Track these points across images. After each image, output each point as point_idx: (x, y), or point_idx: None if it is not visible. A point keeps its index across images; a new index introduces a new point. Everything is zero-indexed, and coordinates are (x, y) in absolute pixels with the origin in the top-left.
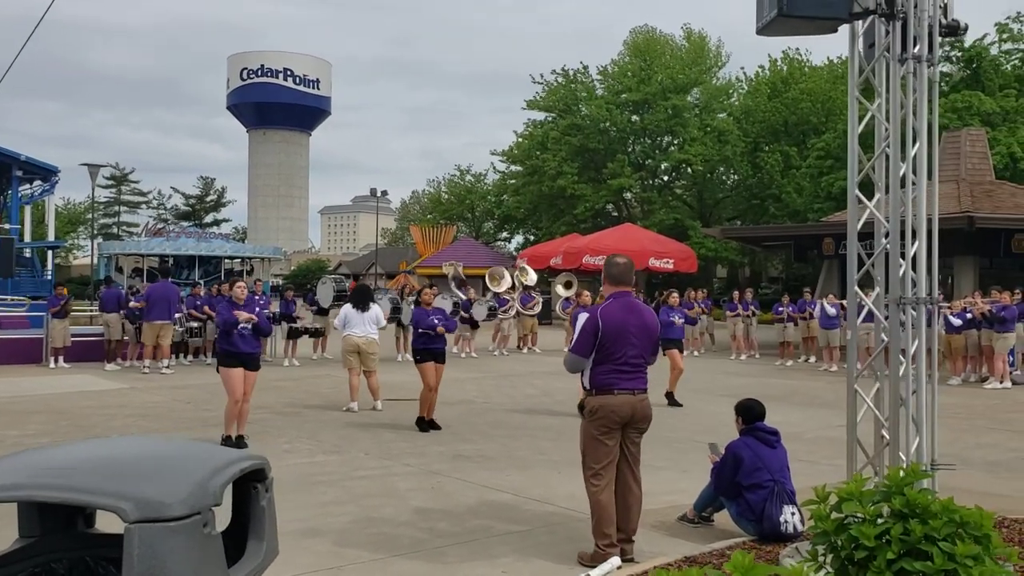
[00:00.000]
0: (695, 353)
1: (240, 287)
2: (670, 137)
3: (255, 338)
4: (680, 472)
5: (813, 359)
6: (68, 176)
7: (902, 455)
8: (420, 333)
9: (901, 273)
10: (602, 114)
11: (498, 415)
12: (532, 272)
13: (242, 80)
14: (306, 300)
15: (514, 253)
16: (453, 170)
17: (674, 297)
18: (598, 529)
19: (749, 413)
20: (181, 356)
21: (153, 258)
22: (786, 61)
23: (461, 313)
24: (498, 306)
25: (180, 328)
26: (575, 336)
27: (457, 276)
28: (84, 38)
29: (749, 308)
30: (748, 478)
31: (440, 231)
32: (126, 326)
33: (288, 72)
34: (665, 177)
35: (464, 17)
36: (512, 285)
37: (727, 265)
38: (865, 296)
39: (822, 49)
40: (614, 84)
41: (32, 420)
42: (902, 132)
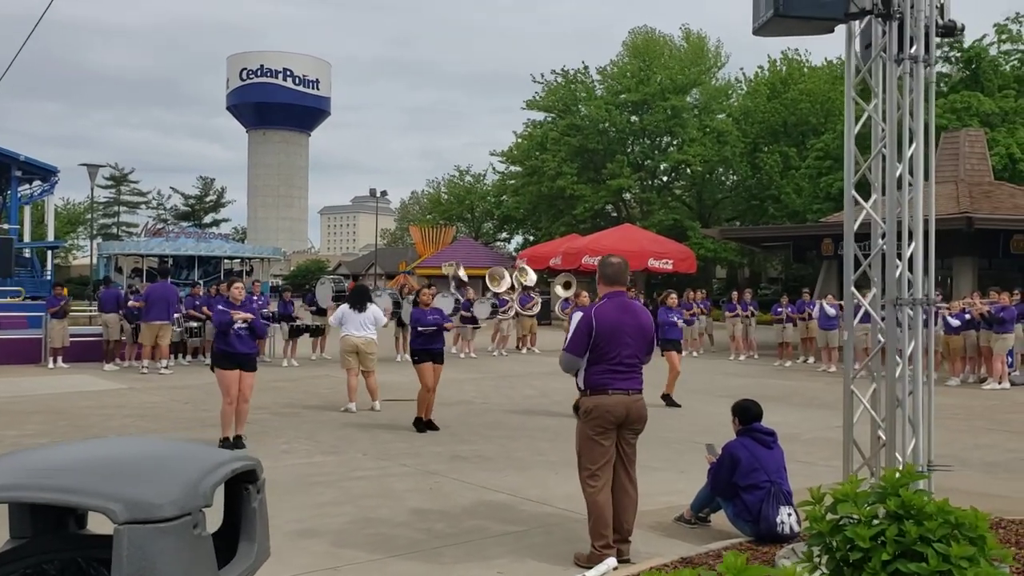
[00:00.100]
0: (694, 353)
1: (237, 287)
2: (669, 138)
3: (252, 339)
4: (678, 473)
5: (812, 360)
6: (68, 176)
7: (898, 456)
8: (418, 333)
9: (897, 274)
10: (601, 114)
11: (496, 416)
12: (532, 272)
13: (242, 80)
14: (305, 300)
15: (513, 253)
16: (453, 170)
17: (672, 298)
18: (594, 530)
19: (746, 414)
20: (180, 356)
21: (153, 258)
22: (785, 62)
23: (462, 313)
24: (499, 305)
25: (178, 328)
26: (569, 335)
27: (456, 277)
28: (83, 38)
29: (748, 308)
30: (745, 479)
31: (440, 231)
32: (124, 326)
33: (288, 72)
34: (664, 178)
35: (464, 17)
36: (511, 286)
37: (726, 266)
38: (862, 297)
39: (821, 50)
40: (613, 84)
41: (30, 420)
42: (898, 133)
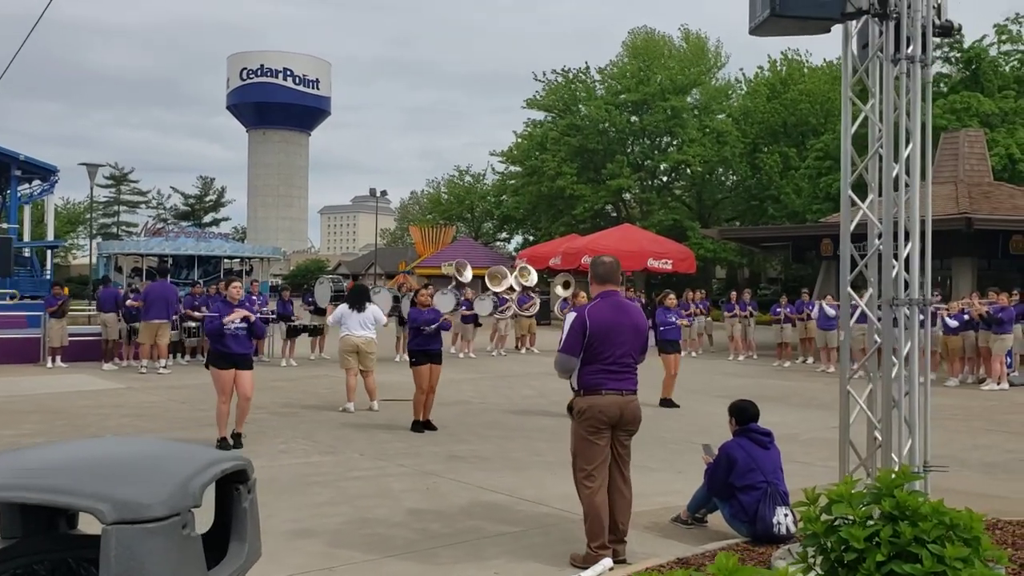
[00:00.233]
0: (693, 354)
1: (235, 287)
2: (669, 138)
3: (248, 339)
4: (675, 473)
5: (811, 360)
6: (68, 176)
7: (894, 457)
8: (416, 333)
9: (894, 274)
10: (601, 115)
11: (494, 416)
12: (534, 273)
13: (242, 80)
14: (303, 300)
15: (513, 253)
16: (453, 170)
17: (671, 298)
18: (591, 531)
19: (743, 414)
20: (178, 356)
21: (152, 258)
22: (785, 62)
23: (463, 312)
24: (498, 304)
25: (174, 329)
26: (563, 336)
27: (455, 277)
28: (84, 38)
29: (747, 309)
30: (741, 479)
31: (439, 231)
32: (121, 326)
33: (288, 72)
34: (664, 178)
35: (464, 17)
36: (511, 286)
37: (726, 266)
38: (859, 298)
39: (821, 50)
40: (613, 85)
41: (28, 420)
42: (895, 133)
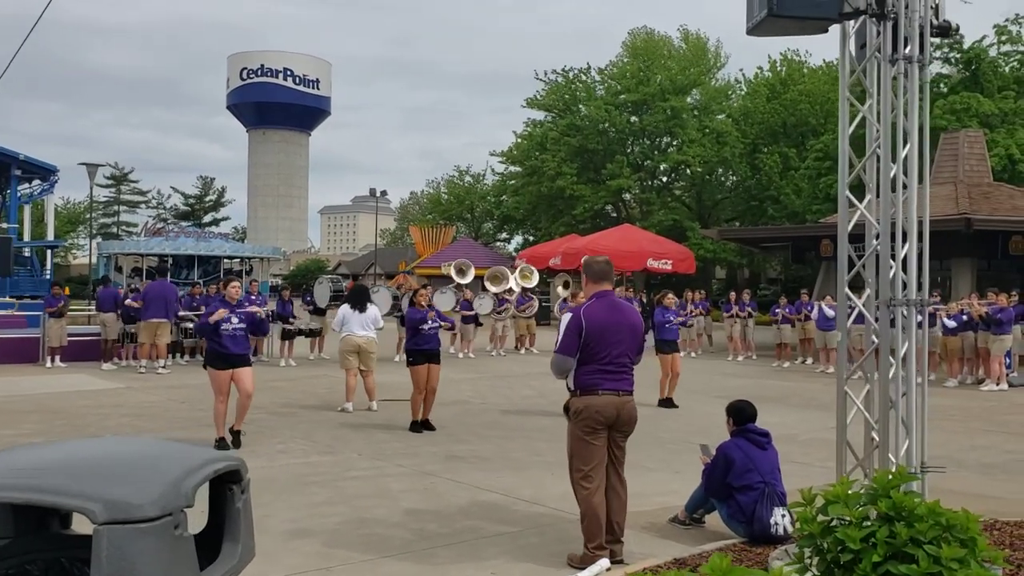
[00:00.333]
0: (692, 354)
1: (234, 286)
2: (669, 138)
3: (246, 339)
4: (673, 473)
5: (810, 361)
6: (68, 175)
7: (891, 457)
8: (413, 333)
9: (891, 275)
10: (601, 115)
11: (493, 416)
12: (536, 273)
13: (242, 80)
14: (303, 300)
15: (513, 253)
16: (452, 170)
17: (669, 298)
18: (588, 531)
19: (740, 414)
20: (177, 356)
21: (152, 257)
22: (785, 63)
23: (463, 313)
24: (498, 305)
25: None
26: (560, 337)
27: (454, 276)
28: (84, 38)
29: (745, 309)
30: (739, 480)
31: (439, 231)
32: (120, 326)
33: (288, 72)
34: (664, 178)
35: (464, 17)
36: (510, 288)
37: (725, 266)
38: (857, 298)
39: (821, 51)
40: (613, 85)
41: (27, 419)
42: (893, 133)
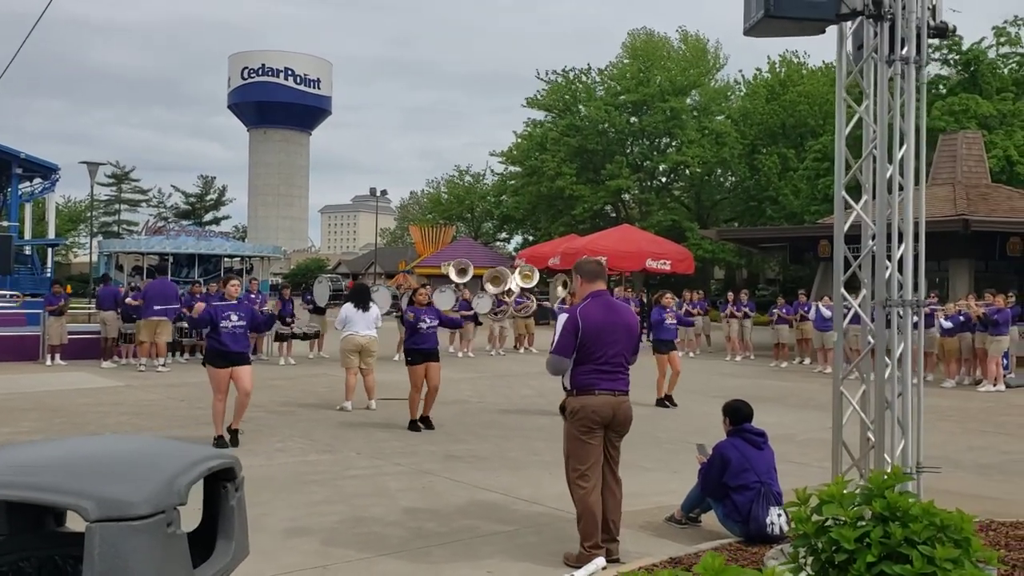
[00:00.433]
0: (690, 354)
1: (233, 285)
2: (668, 139)
3: (246, 337)
4: (670, 473)
5: (808, 361)
6: (69, 174)
7: (887, 457)
8: (412, 332)
9: (887, 275)
10: (601, 115)
11: (492, 415)
12: (536, 273)
13: (243, 79)
14: (303, 299)
15: (513, 253)
16: (453, 170)
17: (668, 298)
18: (584, 531)
19: (736, 414)
20: (177, 354)
21: (153, 256)
22: (784, 64)
23: (462, 313)
24: (497, 306)
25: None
26: (556, 337)
27: (452, 276)
28: (85, 36)
29: (742, 309)
30: (735, 479)
31: (439, 231)
32: (120, 324)
33: (289, 71)
34: (663, 179)
35: (464, 17)
36: (509, 288)
37: (724, 267)
38: (853, 299)
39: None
40: (613, 86)
41: (26, 417)
42: (889, 134)
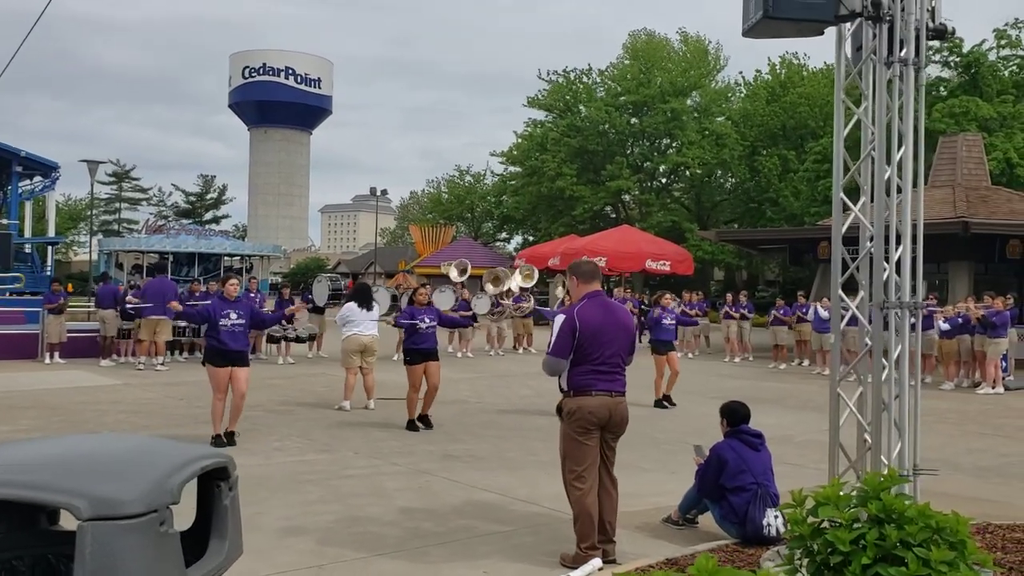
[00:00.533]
0: (689, 355)
1: (232, 284)
2: (668, 140)
3: (245, 335)
4: (668, 474)
5: (807, 362)
6: (70, 172)
7: (884, 459)
8: (410, 332)
9: (885, 277)
10: (601, 116)
11: (490, 415)
12: (536, 273)
13: (244, 78)
14: (302, 298)
15: (513, 253)
16: (453, 170)
17: (667, 298)
18: (580, 532)
19: (734, 416)
20: (175, 353)
21: (153, 255)
22: (784, 65)
23: (461, 313)
24: (496, 307)
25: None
26: (553, 338)
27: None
28: (86, 35)
29: (741, 311)
30: (732, 481)
31: (439, 231)
32: (119, 322)
33: (290, 71)
34: (663, 180)
35: (464, 17)
36: (508, 289)
37: (724, 268)
38: (851, 300)
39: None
40: (613, 86)
41: (25, 416)
42: (888, 136)
